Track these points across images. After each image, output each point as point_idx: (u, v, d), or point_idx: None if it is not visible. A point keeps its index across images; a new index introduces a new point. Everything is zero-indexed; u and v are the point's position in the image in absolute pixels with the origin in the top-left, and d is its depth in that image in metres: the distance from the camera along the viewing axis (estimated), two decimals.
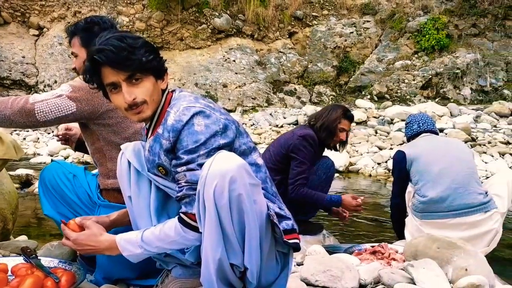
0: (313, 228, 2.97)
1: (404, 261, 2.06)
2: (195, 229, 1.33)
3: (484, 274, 1.75)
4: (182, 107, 1.39)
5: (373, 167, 6.71)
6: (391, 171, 3.11)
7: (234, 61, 11.91)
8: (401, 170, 2.91)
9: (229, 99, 11.18)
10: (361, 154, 7.24)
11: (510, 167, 5.89)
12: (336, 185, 5.90)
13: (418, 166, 2.82)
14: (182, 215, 1.36)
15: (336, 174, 6.43)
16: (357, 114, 9.52)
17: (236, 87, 11.37)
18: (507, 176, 3.03)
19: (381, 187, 5.90)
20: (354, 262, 2.13)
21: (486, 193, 2.81)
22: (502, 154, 6.62)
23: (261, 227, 1.31)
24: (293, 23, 12.51)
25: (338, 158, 6.66)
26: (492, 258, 2.89)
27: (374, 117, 9.61)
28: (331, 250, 2.54)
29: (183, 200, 1.36)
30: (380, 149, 7.30)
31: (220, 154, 1.29)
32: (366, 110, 10.13)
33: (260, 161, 1.50)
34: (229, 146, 1.38)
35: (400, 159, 2.90)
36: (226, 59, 11.92)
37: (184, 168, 1.35)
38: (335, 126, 2.87)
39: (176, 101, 1.45)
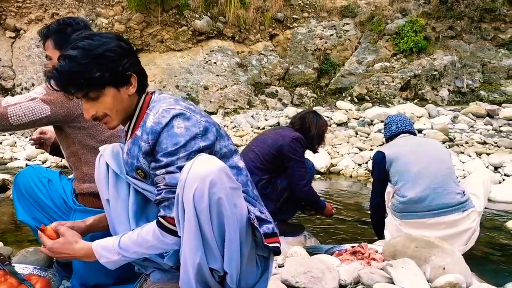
0: (294, 229, 2.99)
1: (383, 261, 2.08)
2: (174, 233, 1.32)
3: (461, 273, 1.78)
4: (161, 109, 1.37)
5: (353, 168, 6.77)
6: (370, 171, 3.15)
7: (215, 63, 11.87)
8: (380, 170, 2.94)
9: (210, 101, 11.13)
10: (342, 155, 7.30)
11: (486, 167, 6.01)
12: (318, 186, 5.92)
13: (398, 167, 2.85)
14: (160, 218, 1.34)
15: (318, 176, 6.49)
16: (338, 116, 9.62)
17: (217, 89, 11.34)
18: (483, 175, 3.12)
19: (362, 187, 5.96)
20: (334, 263, 2.14)
21: (463, 192, 2.87)
22: (479, 154, 6.75)
23: (242, 231, 1.31)
24: (274, 25, 12.55)
25: (319, 159, 6.72)
26: (470, 256, 2.95)
27: (355, 118, 9.70)
28: (312, 251, 2.55)
29: (162, 203, 1.35)
30: (361, 150, 7.36)
31: (200, 157, 1.28)
32: (347, 111, 10.22)
33: (241, 164, 1.49)
34: (209, 149, 1.37)
35: (379, 160, 2.94)
36: (207, 61, 11.88)
37: (163, 171, 1.33)
38: (323, 133, 3.12)
39: (155, 103, 1.43)
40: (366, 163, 6.76)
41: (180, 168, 1.29)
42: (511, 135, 7.97)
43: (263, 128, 9.26)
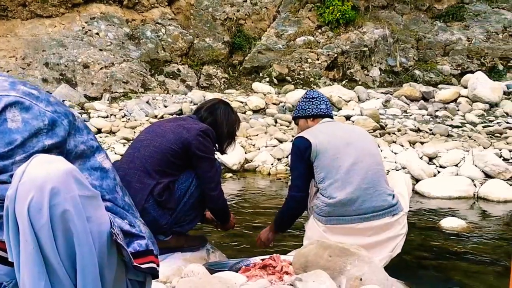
0: (194, 243, 2.98)
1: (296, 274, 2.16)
2: (4, 260, 1.24)
3: (380, 283, 1.91)
4: None
5: (272, 164, 6.91)
6: (290, 159, 3.14)
7: (97, 34, 11.45)
8: (304, 160, 2.93)
9: (92, 83, 10.73)
10: (259, 149, 7.42)
11: (420, 158, 6.47)
12: (231, 187, 6.00)
13: (325, 161, 2.89)
14: None
15: (229, 174, 6.56)
16: (254, 101, 9.78)
17: (101, 68, 10.95)
18: (404, 175, 3.36)
19: (283, 187, 6.11)
20: (239, 281, 2.19)
21: (393, 193, 3.04)
22: (412, 143, 7.26)
23: (101, 251, 1.25)
24: None
25: (231, 154, 6.77)
26: (399, 262, 3.17)
27: (274, 103, 9.93)
28: (214, 268, 2.57)
29: None
30: (281, 141, 7.53)
31: (36, 158, 1.19)
32: (265, 95, 10.42)
33: (107, 164, 1.44)
34: (59, 148, 1.30)
35: (304, 148, 2.92)
36: (86, 32, 11.42)
37: None
38: (235, 131, 3.11)
39: None
40: (287, 157, 6.93)
41: None
42: (447, 120, 8.69)
43: (162, 117, 9.12)
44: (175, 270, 2.63)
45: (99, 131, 8.42)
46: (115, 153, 6.78)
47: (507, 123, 8.46)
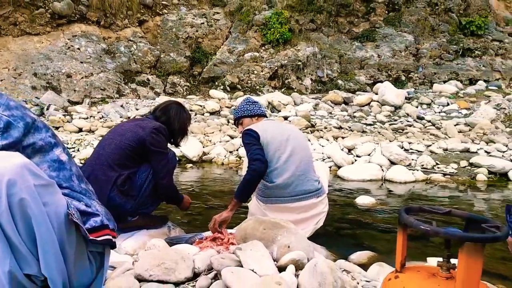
0: (156, 221, 2.93)
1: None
2: None
3: (304, 249, 1.93)
4: None
5: (225, 156, 6.88)
6: (244, 144, 3.01)
7: (78, 49, 11.04)
8: (258, 142, 2.88)
9: (74, 90, 10.34)
10: (214, 144, 7.37)
11: (341, 149, 6.60)
12: (190, 175, 5.93)
13: (269, 152, 2.89)
14: None
15: (190, 165, 6.49)
16: (211, 104, 9.70)
17: (82, 77, 10.57)
18: (324, 164, 3.41)
19: (233, 174, 6.09)
20: (192, 251, 2.16)
21: (318, 178, 3.10)
22: (335, 138, 7.40)
23: (60, 229, 1.21)
24: (142, 11, 12.10)
25: (191, 148, 6.72)
26: (323, 233, 3.22)
27: (227, 106, 9.88)
28: (173, 242, 2.53)
29: None
30: (232, 138, 7.52)
31: None
32: (220, 100, 10.36)
33: (64, 157, 1.38)
34: (14, 147, 1.23)
35: (257, 136, 2.90)
36: (69, 47, 10.98)
37: None
38: (186, 127, 3.01)
39: None
40: (237, 150, 6.93)
41: None
42: (362, 119, 8.90)
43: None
44: (141, 244, 2.57)
45: (80, 130, 8.14)
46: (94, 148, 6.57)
47: (407, 121, 8.75)
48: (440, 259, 1.36)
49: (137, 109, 9.53)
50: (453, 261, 1.35)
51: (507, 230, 1.34)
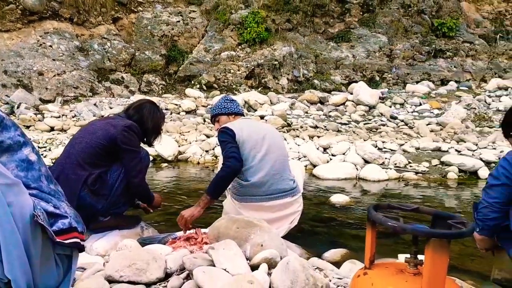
0: (129, 222, 2.88)
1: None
2: None
3: (276, 248, 1.93)
4: None
5: (201, 155, 6.85)
6: (220, 142, 2.99)
7: (51, 46, 10.78)
8: (234, 140, 2.86)
9: (46, 88, 10.10)
10: (190, 143, 7.33)
11: (317, 148, 6.65)
12: (166, 175, 5.87)
13: (245, 150, 2.88)
14: None
15: (165, 164, 6.42)
16: (187, 103, 9.63)
17: (54, 75, 10.32)
18: (299, 163, 3.43)
19: (209, 173, 6.06)
20: (165, 251, 2.14)
21: (294, 178, 3.11)
22: (311, 137, 7.46)
23: (25, 230, 1.18)
24: (116, 8, 11.91)
25: (166, 147, 6.65)
26: (298, 231, 3.25)
27: (203, 106, 9.84)
28: (146, 242, 2.50)
29: None
30: (208, 137, 7.49)
31: None
32: (196, 99, 10.30)
33: (33, 157, 1.35)
34: None
35: (233, 134, 2.88)
36: (41, 44, 10.72)
37: None
38: (160, 126, 2.96)
39: None
40: (213, 149, 6.91)
41: None
42: (338, 119, 9.00)
43: None
44: (113, 245, 2.53)
45: (52, 129, 7.95)
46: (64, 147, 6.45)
47: (381, 121, 8.89)
48: (408, 255, 1.38)
49: (111, 108, 9.38)
50: (420, 257, 1.38)
51: (472, 226, 1.38)
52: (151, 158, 3.95)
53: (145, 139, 2.93)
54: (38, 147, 6.77)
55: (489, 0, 14.05)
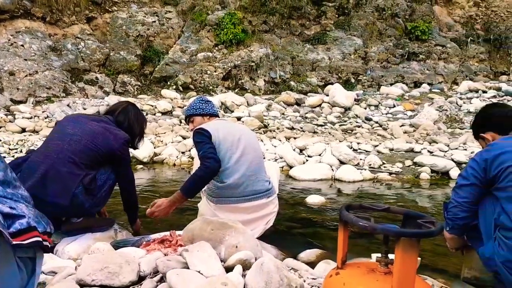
0: (102, 223, 2.84)
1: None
2: None
3: (251, 249, 1.93)
4: None
5: (177, 156, 6.79)
6: (196, 144, 2.92)
7: (22, 46, 10.52)
8: (210, 141, 2.85)
9: (17, 88, 9.83)
10: (166, 144, 7.26)
11: (293, 150, 6.69)
12: (141, 176, 5.80)
13: (221, 152, 2.87)
14: None
15: (140, 166, 6.34)
16: (163, 104, 9.54)
17: (26, 76, 10.06)
18: (275, 164, 3.46)
19: (186, 174, 6.01)
20: (138, 254, 2.11)
21: (269, 179, 3.12)
22: (287, 138, 7.49)
23: None
24: (90, 8, 11.72)
25: (141, 149, 6.54)
26: (274, 232, 3.26)
27: (179, 107, 9.77)
28: (120, 245, 2.47)
29: None
30: (184, 138, 7.43)
31: None
32: (172, 100, 10.22)
33: None
34: None
35: (209, 135, 2.87)
36: (12, 44, 10.44)
37: None
38: (144, 129, 3.00)
39: None
40: (189, 150, 6.86)
41: None
42: (314, 120, 9.08)
43: None
44: (85, 248, 2.48)
45: (23, 130, 7.75)
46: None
47: (356, 122, 9.01)
48: (379, 254, 1.41)
49: (84, 109, 9.21)
50: (391, 256, 1.40)
51: (441, 226, 1.41)
52: None
53: (131, 144, 2.93)
54: (9, 148, 6.59)
55: (460, 4, 14.43)
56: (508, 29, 13.73)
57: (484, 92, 11.17)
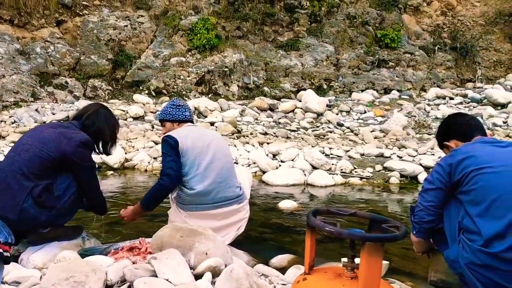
0: (70, 232, 2.75)
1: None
2: None
3: (221, 256, 1.92)
4: None
5: (149, 162, 6.71)
6: (162, 154, 2.93)
7: None
8: (175, 152, 2.84)
9: None
10: (137, 150, 7.17)
11: (267, 155, 6.71)
12: (112, 183, 5.70)
13: (189, 158, 2.85)
14: None
15: (111, 172, 6.23)
16: (135, 109, 9.41)
17: None
18: (246, 170, 3.47)
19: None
20: (106, 263, 2.07)
21: (240, 185, 3.12)
22: (261, 144, 7.51)
23: None
24: (60, 11, 11.47)
25: (112, 155, 6.45)
26: (246, 238, 3.26)
27: (152, 112, 9.65)
28: (87, 253, 2.41)
29: None
30: (156, 143, 7.34)
31: None
32: (144, 105, 10.09)
33: None
34: None
35: (175, 144, 2.84)
36: None
37: None
38: (116, 134, 2.86)
39: None
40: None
41: None
42: (287, 126, 9.13)
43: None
44: (51, 257, 2.41)
45: None
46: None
47: (329, 128, 9.12)
48: (346, 259, 1.42)
49: (53, 114, 8.98)
50: (358, 261, 1.42)
51: (405, 230, 1.44)
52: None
53: (103, 150, 2.83)
54: None
55: (428, 13, 14.85)
56: (474, 38, 14.21)
57: (451, 98, 11.50)
